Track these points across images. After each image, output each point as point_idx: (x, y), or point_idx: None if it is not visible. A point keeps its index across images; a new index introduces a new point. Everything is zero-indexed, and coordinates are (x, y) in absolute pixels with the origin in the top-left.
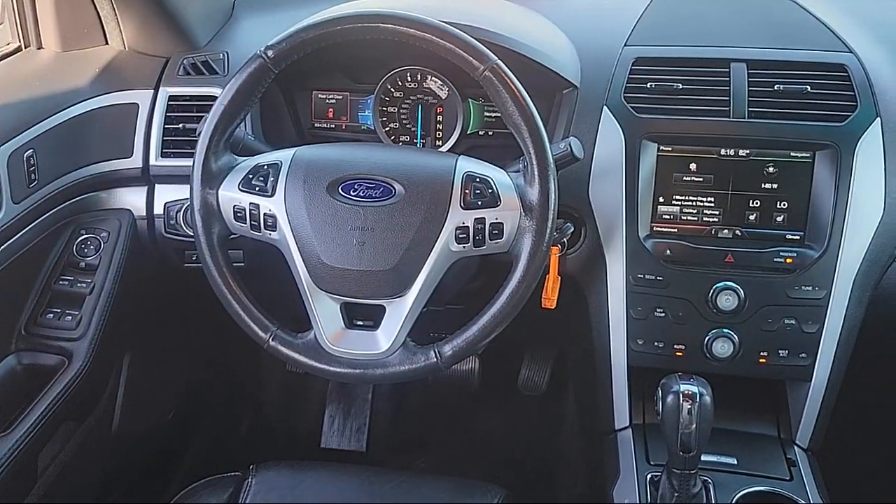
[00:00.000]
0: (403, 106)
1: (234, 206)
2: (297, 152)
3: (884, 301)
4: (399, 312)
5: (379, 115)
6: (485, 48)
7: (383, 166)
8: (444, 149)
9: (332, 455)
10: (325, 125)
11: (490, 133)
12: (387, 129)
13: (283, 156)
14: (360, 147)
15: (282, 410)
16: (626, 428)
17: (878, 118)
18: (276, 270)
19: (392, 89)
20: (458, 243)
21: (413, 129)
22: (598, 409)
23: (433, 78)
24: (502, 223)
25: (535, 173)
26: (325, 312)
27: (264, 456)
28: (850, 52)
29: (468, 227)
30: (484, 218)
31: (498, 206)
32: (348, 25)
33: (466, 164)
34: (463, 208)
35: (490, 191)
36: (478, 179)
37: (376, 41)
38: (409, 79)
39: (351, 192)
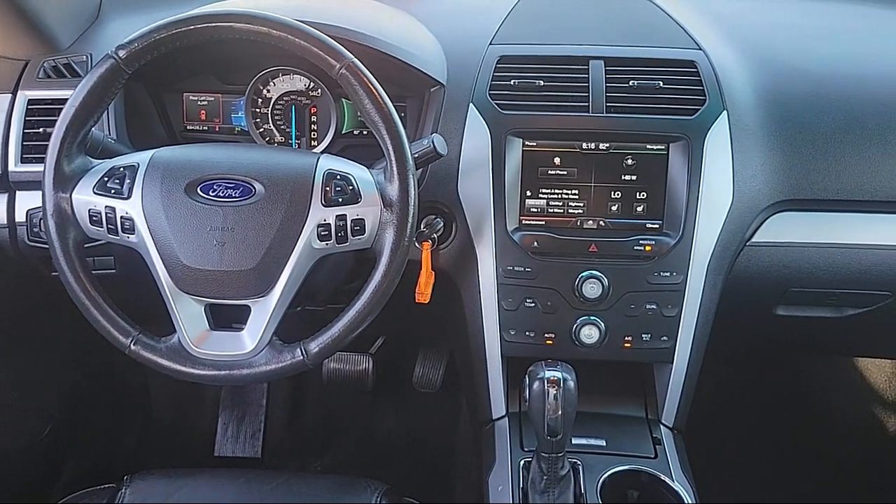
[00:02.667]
0: (276, 107)
1: (90, 209)
2: (155, 154)
3: (737, 285)
4: (264, 312)
5: (252, 116)
6: (340, 47)
7: (243, 166)
8: (319, 149)
9: (226, 463)
10: (197, 127)
11: (365, 133)
12: (261, 130)
13: (141, 157)
14: (219, 147)
15: (173, 419)
16: (503, 417)
17: (725, 111)
18: (147, 275)
19: (264, 90)
20: (321, 240)
21: (287, 129)
22: (478, 399)
23: (304, 78)
24: (364, 219)
25: (394, 170)
26: (189, 314)
27: (154, 467)
28: (700, 49)
29: (330, 224)
30: (345, 215)
31: (359, 202)
32: (201, 25)
33: (327, 163)
34: (324, 205)
35: (351, 188)
36: (338, 177)
37: (244, 42)
38: (280, 79)
39: (210, 193)
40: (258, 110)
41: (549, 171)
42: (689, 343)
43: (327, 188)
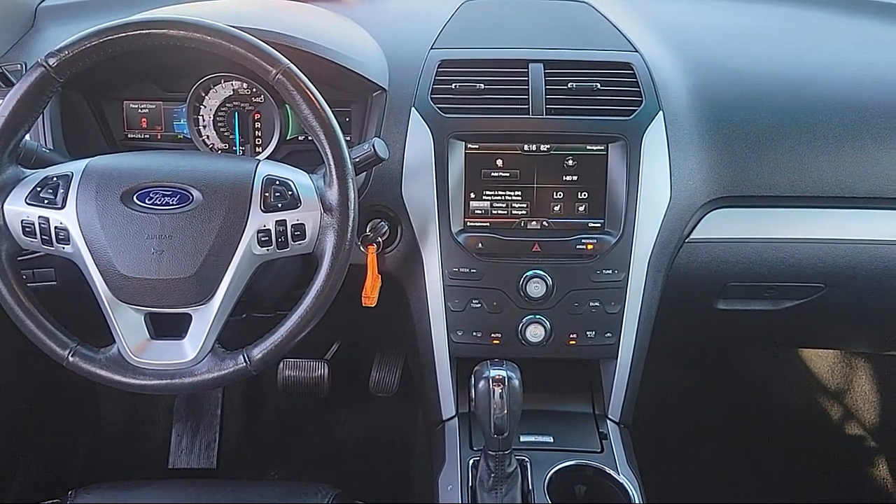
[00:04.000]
0: (219, 113)
1: (22, 220)
2: (90, 162)
3: (677, 281)
4: (205, 319)
5: (194, 123)
6: (276, 52)
7: (180, 173)
8: (264, 155)
9: (180, 475)
10: (138, 136)
11: (310, 138)
12: (204, 137)
13: (75, 167)
14: (156, 155)
15: (124, 431)
16: (452, 417)
17: (661, 111)
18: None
19: (206, 97)
20: (261, 246)
21: (231, 136)
22: (428, 401)
23: (246, 84)
24: (304, 224)
25: (334, 174)
26: (128, 324)
27: (105, 481)
28: (636, 51)
29: (270, 229)
30: (285, 220)
31: (299, 207)
32: (134, 32)
33: (266, 168)
34: (263, 211)
35: (290, 193)
36: (278, 182)
37: (184, 48)
38: (223, 85)
39: (146, 201)
40: (200, 117)
41: (492, 173)
42: (633, 339)
43: (266, 194)
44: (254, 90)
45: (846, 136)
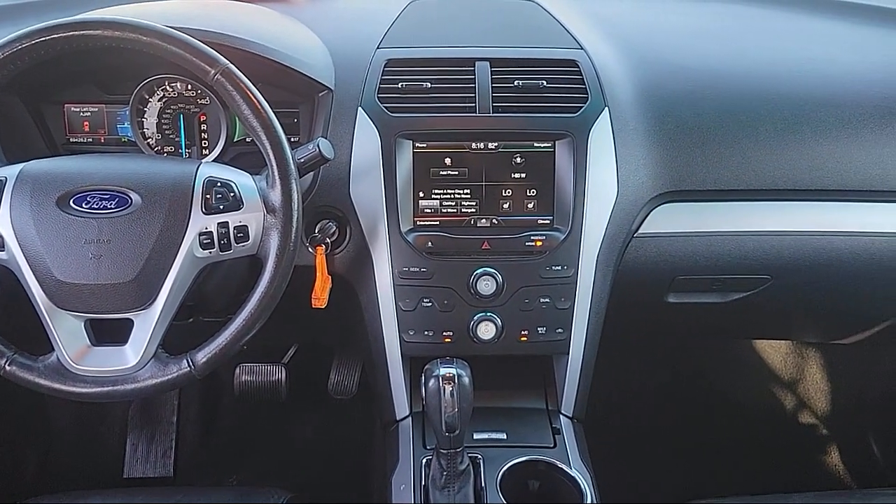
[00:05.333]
0: (164, 116)
1: None
2: (25, 167)
3: (627, 276)
4: (147, 324)
5: (138, 126)
6: (214, 52)
7: (117, 176)
8: (210, 158)
9: (136, 484)
10: (81, 139)
11: None
12: (149, 140)
13: (9, 172)
14: (93, 158)
15: (77, 441)
16: (406, 417)
17: (607, 108)
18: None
19: (150, 99)
20: (204, 249)
21: (177, 139)
22: (383, 401)
23: (191, 86)
24: (247, 226)
25: (276, 175)
26: (67, 331)
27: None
28: (581, 48)
29: (212, 231)
30: (227, 222)
31: (241, 209)
32: (67, 34)
33: (208, 170)
34: (205, 213)
35: (232, 194)
36: (219, 184)
37: (125, 50)
38: (167, 87)
39: (83, 205)
40: (145, 120)
41: (441, 172)
42: (584, 334)
43: (208, 196)
44: (199, 92)
45: (787, 129)
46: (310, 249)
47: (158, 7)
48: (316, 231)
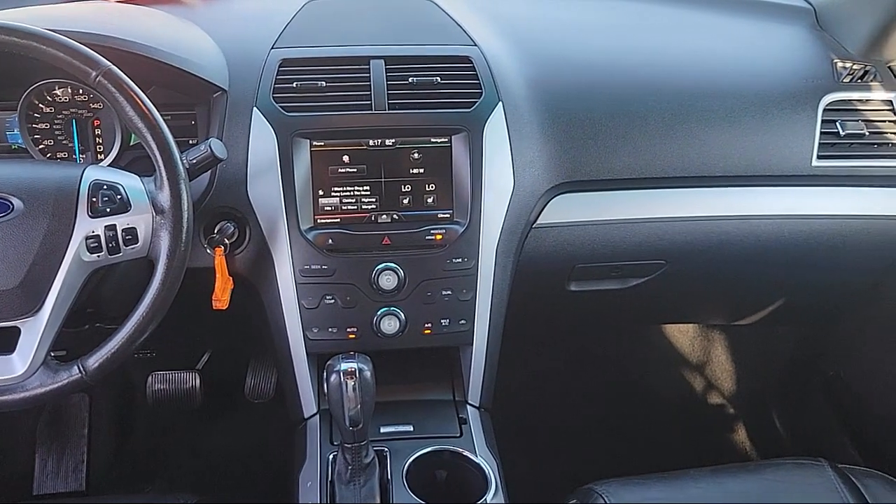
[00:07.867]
0: (56, 121)
1: None
2: None
3: (528, 266)
4: (35, 331)
5: (28, 132)
6: (94, 54)
7: None
8: (106, 163)
9: (47, 501)
10: None
11: None
12: (41, 146)
13: None
14: None
15: None
16: (314, 415)
17: (501, 102)
18: None
19: (40, 104)
20: (92, 253)
21: (70, 144)
22: (291, 400)
23: (82, 91)
24: (135, 228)
25: (164, 176)
26: None
27: None
28: (475, 45)
29: (99, 235)
30: (115, 224)
31: (129, 211)
32: None
33: (94, 173)
34: (91, 216)
35: (120, 197)
36: (105, 187)
37: (8, 55)
38: (57, 92)
39: None
40: (36, 126)
41: (340, 170)
42: (487, 324)
43: (94, 199)
44: (90, 96)
45: (675, 120)
46: (209, 251)
47: (45, 11)
48: (214, 232)
